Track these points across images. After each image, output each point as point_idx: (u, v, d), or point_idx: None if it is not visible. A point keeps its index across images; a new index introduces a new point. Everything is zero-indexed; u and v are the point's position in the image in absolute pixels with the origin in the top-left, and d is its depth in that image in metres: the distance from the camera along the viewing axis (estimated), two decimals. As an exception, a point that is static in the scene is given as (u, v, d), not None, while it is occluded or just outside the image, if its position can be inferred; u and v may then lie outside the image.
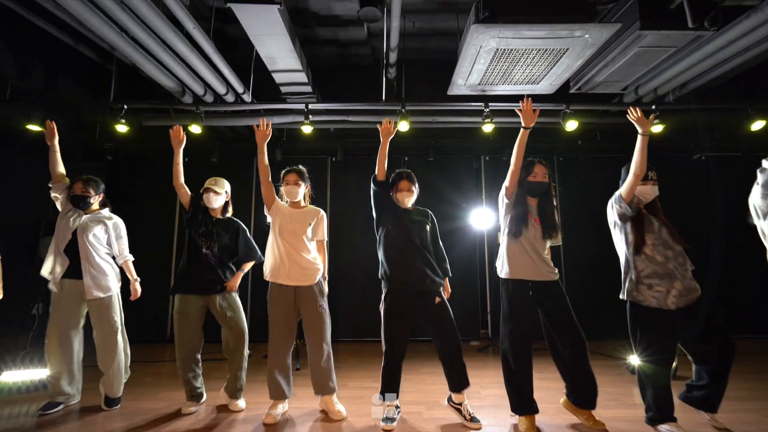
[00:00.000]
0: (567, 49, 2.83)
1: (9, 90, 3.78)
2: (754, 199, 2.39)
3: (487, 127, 3.87)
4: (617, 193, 2.40)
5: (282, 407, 2.58)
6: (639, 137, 2.27)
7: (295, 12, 3.87)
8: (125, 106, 3.72)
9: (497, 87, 3.49)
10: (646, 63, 3.10)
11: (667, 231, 2.32)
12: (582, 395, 2.34)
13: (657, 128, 3.87)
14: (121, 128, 3.75)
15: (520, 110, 2.40)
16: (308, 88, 3.95)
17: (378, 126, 2.53)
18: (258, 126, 2.59)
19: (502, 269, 2.46)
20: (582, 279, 4.97)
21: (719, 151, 5.12)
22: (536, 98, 3.88)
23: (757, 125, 3.78)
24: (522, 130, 2.35)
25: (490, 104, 3.85)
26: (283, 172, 2.69)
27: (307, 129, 3.86)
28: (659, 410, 2.30)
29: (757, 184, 2.36)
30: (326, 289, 2.69)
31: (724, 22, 2.63)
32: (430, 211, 2.71)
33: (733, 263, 4.68)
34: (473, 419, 2.42)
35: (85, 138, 4.82)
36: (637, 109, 2.31)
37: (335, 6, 3.83)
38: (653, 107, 3.80)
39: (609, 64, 3.13)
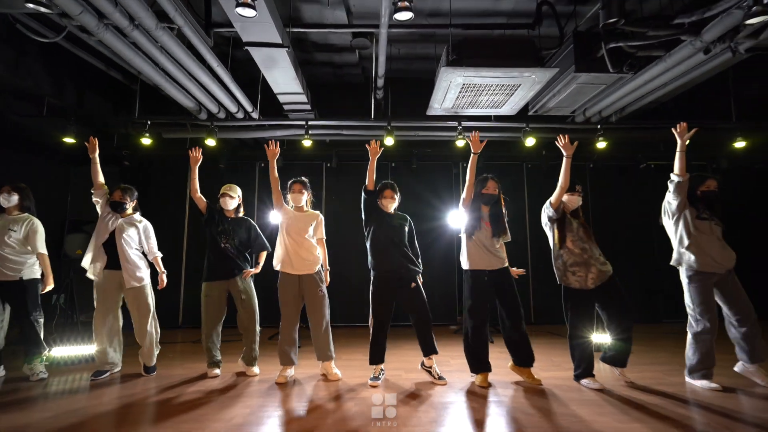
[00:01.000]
0: (519, 85, 3.51)
1: (45, 107, 4.33)
2: (666, 203, 3.12)
3: (460, 142, 4.54)
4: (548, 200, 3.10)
5: (290, 372, 3.23)
6: (564, 159, 2.97)
7: (297, 41, 4.48)
8: (149, 122, 4.31)
9: (467, 110, 4.17)
10: (585, 95, 3.81)
11: (583, 230, 3.03)
12: (521, 355, 3.04)
13: (601, 144, 4.60)
14: (146, 141, 4.33)
15: (470, 139, 3.03)
16: (308, 106, 4.57)
17: (367, 146, 3.17)
18: (268, 145, 3.22)
19: (464, 263, 3.13)
20: (545, 271, 5.68)
21: (666, 160, 5.89)
22: (501, 118, 4.61)
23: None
24: (472, 155, 3.01)
25: (462, 122, 4.53)
26: (290, 182, 3.31)
27: (307, 143, 4.49)
28: (582, 368, 3.02)
29: (669, 192, 3.08)
30: (328, 278, 3.34)
31: (639, 67, 3.34)
32: (408, 216, 3.35)
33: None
34: (440, 377, 3.11)
35: (104, 146, 5.37)
36: (566, 136, 3.01)
37: (331, 37, 4.46)
38: (598, 126, 4.53)
39: (556, 94, 3.83)
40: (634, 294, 5.62)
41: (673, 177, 3.02)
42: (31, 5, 1.96)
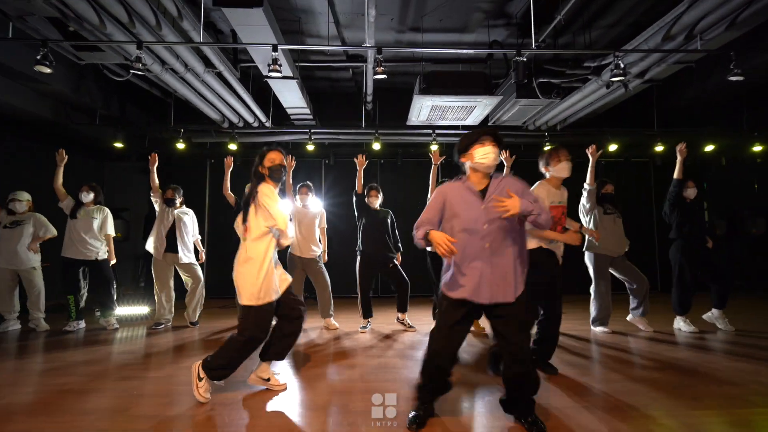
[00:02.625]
0: (475, 106, 4.57)
1: (98, 117, 5.32)
2: (582, 206, 4.19)
3: (434, 147, 5.60)
4: None
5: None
6: (505, 168, 4.02)
7: (301, 61, 5.48)
8: (182, 129, 5.32)
9: (438, 121, 5.22)
10: (528, 113, 4.87)
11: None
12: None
13: (547, 148, 5.67)
14: (180, 145, 5.35)
15: (431, 153, 4.08)
16: (310, 116, 5.60)
17: (355, 160, 4.21)
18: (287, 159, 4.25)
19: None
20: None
21: (614, 157, 6.98)
22: (468, 127, 5.65)
23: (612, 147, 5.62)
24: (433, 165, 4.05)
25: (436, 130, 5.58)
26: (299, 186, 4.35)
27: (310, 147, 5.53)
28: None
29: (583, 196, 4.14)
30: (326, 257, 4.43)
31: (564, 94, 4.40)
32: (390, 211, 4.41)
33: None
34: (410, 326, 4.25)
35: (138, 146, 6.39)
36: (507, 151, 4.05)
37: (329, 60, 5.46)
38: (546, 133, 5.60)
39: (507, 112, 4.88)
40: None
41: (586, 186, 4.07)
42: (133, 71, 2.95)
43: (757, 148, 5.88)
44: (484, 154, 1.99)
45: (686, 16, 2.89)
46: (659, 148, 5.70)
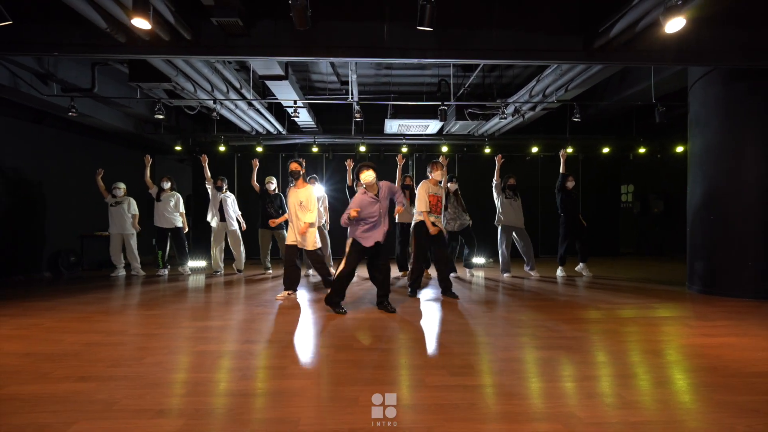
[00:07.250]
0: (429, 125, 6.64)
1: (162, 128, 7.39)
2: (494, 193, 6.31)
3: (404, 149, 7.68)
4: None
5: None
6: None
7: (308, 88, 7.49)
8: (223, 136, 7.40)
9: (407, 131, 7.29)
10: (469, 127, 6.93)
11: (456, 201, 6.23)
12: (403, 264, 6.39)
13: (487, 150, 7.75)
14: (222, 148, 7.45)
15: (397, 158, 6.18)
16: (315, 126, 7.66)
17: (345, 163, 6.31)
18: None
19: (397, 219, 6.37)
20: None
21: (551, 151, 9.05)
22: (428, 135, 7.74)
23: (534, 149, 7.70)
24: (398, 166, 6.14)
25: (406, 137, 7.65)
26: (308, 178, 6.48)
27: (315, 149, 7.63)
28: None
29: (493, 187, 6.25)
30: (328, 226, 6.62)
31: (487, 118, 6.45)
32: None
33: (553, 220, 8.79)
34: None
35: (185, 146, 8.47)
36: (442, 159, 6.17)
37: (329, 86, 7.46)
38: (485, 138, 7.67)
39: (453, 126, 6.95)
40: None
41: (494, 181, 6.18)
42: (206, 111, 5.02)
43: (642, 150, 7.95)
44: (364, 177, 3.82)
45: (536, 87, 4.93)
46: (570, 150, 7.77)
